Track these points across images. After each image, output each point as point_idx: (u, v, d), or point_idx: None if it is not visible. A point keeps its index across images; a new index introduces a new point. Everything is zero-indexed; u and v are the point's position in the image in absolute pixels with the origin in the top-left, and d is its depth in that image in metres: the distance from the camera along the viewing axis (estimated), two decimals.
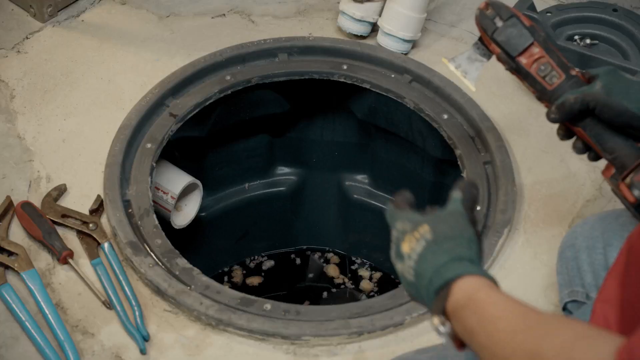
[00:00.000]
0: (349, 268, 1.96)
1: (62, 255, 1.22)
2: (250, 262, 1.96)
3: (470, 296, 0.77)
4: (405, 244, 0.84)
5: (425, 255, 0.82)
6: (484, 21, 1.08)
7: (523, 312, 0.74)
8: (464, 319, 0.76)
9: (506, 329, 0.73)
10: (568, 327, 0.71)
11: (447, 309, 0.78)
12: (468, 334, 0.77)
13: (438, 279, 0.79)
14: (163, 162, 1.52)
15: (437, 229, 0.83)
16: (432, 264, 0.81)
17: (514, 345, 0.71)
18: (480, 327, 0.75)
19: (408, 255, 0.83)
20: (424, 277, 0.81)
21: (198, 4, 1.68)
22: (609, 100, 0.97)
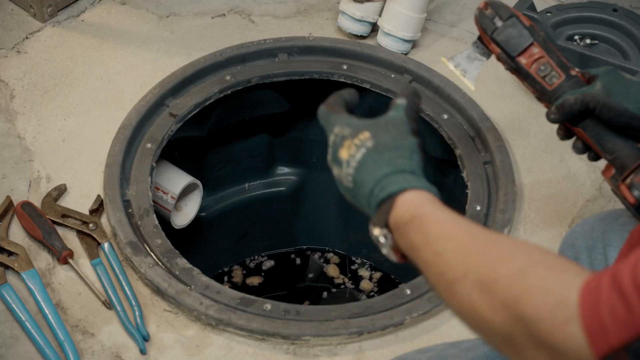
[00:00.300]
0: (349, 268, 1.96)
1: (62, 255, 1.22)
2: (250, 262, 1.96)
3: (414, 212, 0.75)
4: (344, 150, 0.83)
5: (365, 163, 0.80)
6: (483, 21, 1.08)
7: (472, 231, 0.73)
8: (408, 235, 0.75)
9: (456, 249, 0.71)
10: (524, 251, 0.69)
11: (390, 222, 0.77)
12: (413, 250, 0.76)
13: (380, 192, 0.78)
14: (163, 162, 1.52)
15: (379, 137, 0.81)
16: (373, 174, 0.79)
17: (465, 267, 0.70)
18: (427, 245, 0.74)
19: (347, 162, 0.82)
20: (364, 186, 0.80)
21: (198, 4, 1.68)
22: (609, 101, 0.97)
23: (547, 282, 0.64)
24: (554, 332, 0.62)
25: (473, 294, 0.68)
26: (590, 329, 0.61)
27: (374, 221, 0.79)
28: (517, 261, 0.67)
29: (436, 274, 0.72)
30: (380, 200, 0.78)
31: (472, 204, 1.31)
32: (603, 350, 0.60)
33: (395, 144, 0.81)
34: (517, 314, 0.64)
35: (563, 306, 0.62)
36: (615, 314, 0.59)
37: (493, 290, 0.67)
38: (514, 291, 0.65)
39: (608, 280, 0.61)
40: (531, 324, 0.63)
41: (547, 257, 0.67)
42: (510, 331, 0.66)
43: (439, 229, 0.74)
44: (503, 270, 0.67)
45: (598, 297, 0.61)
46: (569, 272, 0.65)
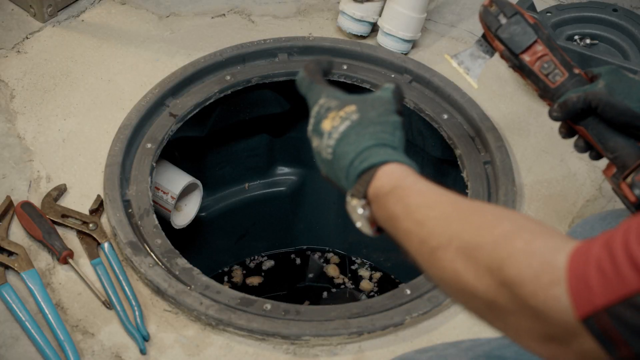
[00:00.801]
0: (349, 268, 1.96)
1: (62, 255, 1.22)
2: (250, 262, 1.96)
3: (395, 183, 0.76)
4: (327, 121, 0.84)
5: (348, 135, 0.81)
6: (487, 18, 1.08)
7: (454, 200, 0.73)
8: (388, 205, 0.76)
9: (438, 217, 0.71)
10: (508, 218, 0.69)
11: (368, 194, 0.78)
12: (392, 221, 0.76)
13: (362, 162, 0.79)
14: (163, 162, 1.52)
15: (365, 111, 0.82)
16: (355, 146, 0.80)
17: (449, 234, 0.70)
18: (408, 215, 0.74)
19: (328, 133, 0.83)
20: (344, 157, 0.81)
21: (198, 4, 1.68)
22: (611, 99, 0.97)
23: (533, 246, 0.64)
24: (537, 293, 0.62)
25: (456, 260, 0.68)
26: (575, 289, 0.60)
27: (352, 192, 0.80)
28: (501, 227, 0.67)
29: (418, 243, 0.73)
30: (360, 170, 0.79)
31: None
32: (585, 311, 0.59)
33: (380, 119, 0.82)
34: (501, 278, 0.64)
35: (548, 268, 0.62)
36: (602, 275, 0.59)
37: (477, 256, 0.67)
38: (499, 255, 0.65)
39: (599, 244, 0.61)
40: (515, 287, 0.63)
41: (531, 223, 0.68)
42: (493, 297, 0.66)
43: (420, 199, 0.74)
44: (487, 236, 0.67)
45: (587, 259, 0.61)
46: (555, 237, 0.65)
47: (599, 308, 0.59)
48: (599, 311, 0.59)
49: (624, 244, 0.59)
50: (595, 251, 0.61)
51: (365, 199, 0.79)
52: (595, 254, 0.60)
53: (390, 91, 0.86)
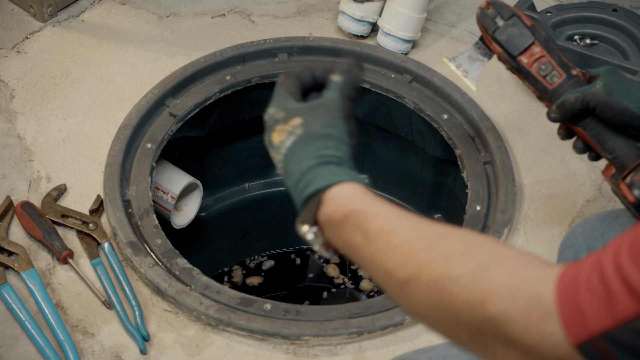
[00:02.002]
0: (349, 268, 1.96)
1: (62, 255, 1.22)
2: (250, 262, 1.96)
3: (347, 208, 0.71)
4: (276, 134, 0.80)
5: (293, 153, 0.78)
6: (485, 20, 1.08)
7: (416, 225, 0.69)
8: (345, 233, 0.71)
9: (402, 246, 0.67)
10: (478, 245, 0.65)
11: (319, 219, 0.74)
12: (352, 249, 0.72)
13: (306, 186, 0.75)
14: (163, 162, 1.52)
15: (309, 124, 0.78)
16: (299, 166, 0.76)
17: (417, 264, 0.65)
18: (368, 243, 0.69)
19: (277, 148, 0.80)
20: (291, 177, 0.78)
21: (198, 4, 1.68)
22: (609, 100, 0.97)
23: (515, 280, 0.61)
24: (529, 331, 0.59)
25: (430, 294, 0.64)
26: (567, 317, 0.58)
27: (301, 218, 0.76)
28: (474, 258, 0.64)
29: (384, 274, 0.68)
30: (306, 196, 0.75)
31: (472, 204, 1.31)
32: (580, 337, 0.57)
33: (324, 131, 0.78)
34: (485, 314, 0.61)
35: (537, 304, 0.59)
36: (595, 300, 0.56)
37: (453, 289, 0.63)
38: (478, 290, 0.61)
39: (588, 266, 0.59)
40: (502, 324, 0.60)
41: (505, 250, 0.64)
42: (477, 331, 0.62)
43: (379, 224, 0.70)
44: (460, 267, 0.63)
45: (577, 283, 0.58)
46: (535, 267, 0.61)
47: (595, 334, 0.56)
48: (595, 337, 0.56)
49: (616, 265, 0.56)
50: (584, 274, 0.58)
51: (315, 225, 0.75)
52: (584, 277, 0.58)
53: (338, 89, 0.81)
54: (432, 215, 1.77)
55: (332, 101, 0.80)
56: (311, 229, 0.75)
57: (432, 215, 1.77)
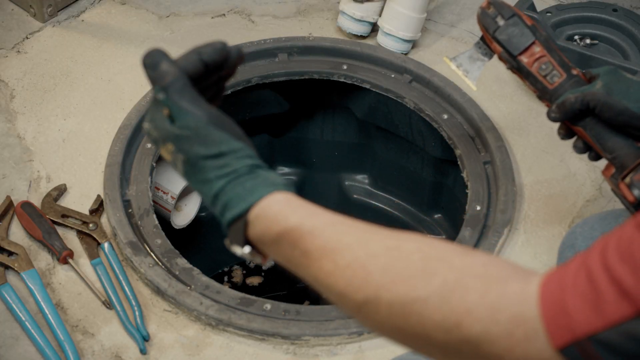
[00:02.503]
0: None
1: (62, 255, 1.22)
2: (250, 262, 1.96)
3: (279, 228, 0.65)
4: (163, 152, 0.72)
5: (191, 175, 0.70)
6: (485, 20, 1.08)
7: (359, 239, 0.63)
8: (282, 252, 0.66)
9: (351, 265, 0.61)
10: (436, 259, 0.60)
11: (250, 238, 0.68)
12: (292, 266, 0.67)
13: (225, 211, 0.68)
14: (163, 162, 1.52)
15: (187, 151, 0.70)
16: (207, 188, 0.69)
17: (373, 286, 0.60)
18: (310, 262, 0.64)
19: (173, 164, 0.72)
20: (203, 194, 0.71)
21: (198, 4, 1.68)
22: (609, 100, 0.97)
23: (491, 298, 0.57)
24: (514, 350, 0.57)
25: (394, 316, 0.60)
26: (551, 321, 0.55)
27: (229, 239, 0.70)
28: (437, 274, 0.59)
29: (336, 294, 0.63)
30: (228, 221, 0.69)
31: (472, 204, 1.31)
32: (564, 340, 0.55)
33: (211, 151, 0.70)
34: (462, 336, 0.58)
35: (520, 322, 0.56)
36: (582, 301, 0.54)
37: (421, 312, 0.59)
38: (452, 312, 0.58)
39: (574, 268, 0.56)
40: (484, 345, 0.57)
41: (467, 260, 0.60)
42: (454, 349, 0.59)
43: (318, 243, 0.64)
44: (425, 288, 0.59)
45: (562, 288, 0.56)
46: (511, 280, 0.58)
47: (581, 336, 0.54)
48: (581, 339, 0.54)
49: (605, 266, 0.54)
50: (570, 277, 0.56)
51: (247, 244, 0.69)
52: (570, 280, 0.56)
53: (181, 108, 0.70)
54: (432, 215, 1.77)
55: (188, 123, 0.70)
56: (244, 249, 0.69)
57: (432, 216, 1.78)
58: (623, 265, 0.53)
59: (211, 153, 0.70)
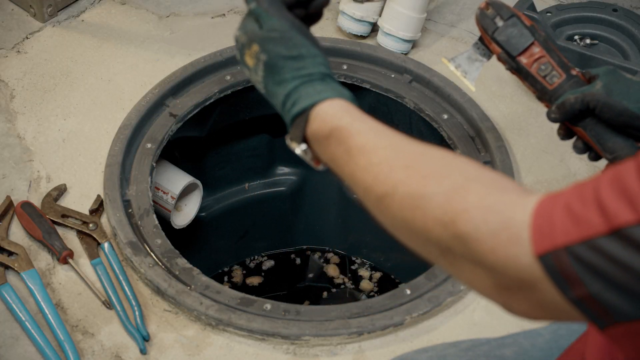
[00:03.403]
0: (349, 268, 1.96)
1: (62, 255, 1.22)
2: (250, 262, 1.96)
3: (332, 125, 0.74)
4: (247, 57, 0.81)
5: (270, 75, 0.79)
6: (484, 21, 1.08)
7: (396, 143, 0.71)
8: (330, 149, 0.74)
9: (381, 162, 0.69)
10: (456, 167, 0.67)
11: (307, 135, 0.77)
12: (334, 163, 0.75)
13: (293, 106, 0.77)
14: (163, 162, 1.52)
15: (269, 50, 0.79)
16: (282, 88, 0.78)
17: (394, 180, 0.68)
18: (350, 158, 0.72)
19: (254, 70, 0.81)
20: (275, 97, 0.80)
21: (198, 4, 1.68)
22: (609, 100, 0.97)
23: (488, 201, 0.62)
24: (496, 251, 0.61)
25: (404, 210, 0.67)
26: (537, 229, 0.59)
27: (290, 136, 0.79)
28: (450, 178, 0.65)
29: (363, 189, 0.71)
30: (293, 115, 0.78)
31: None
32: (544, 247, 0.58)
33: (291, 53, 0.79)
34: (455, 231, 0.63)
35: (507, 226, 0.60)
36: (568, 215, 0.58)
37: (426, 206, 0.65)
38: (451, 209, 0.63)
39: (570, 188, 0.60)
40: (471, 242, 0.62)
41: (481, 173, 0.66)
42: (446, 247, 0.64)
43: (360, 142, 0.72)
44: (435, 186, 0.65)
45: (556, 201, 0.59)
46: (512, 192, 0.63)
47: (559, 246, 0.57)
48: (558, 249, 0.57)
49: (594, 188, 0.57)
50: (565, 195, 0.60)
51: (304, 142, 0.78)
52: (565, 196, 0.59)
53: (266, 14, 0.81)
54: None
55: (274, 26, 0.80)
56: (300, 145, 0.78)
57: None
58: (610, 187, 0.56)
59: (291, 54, 0.78)
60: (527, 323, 1.16)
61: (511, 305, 0.64)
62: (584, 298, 0.58)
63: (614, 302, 0.56)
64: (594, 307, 0.58)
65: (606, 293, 0.56)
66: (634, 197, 0.54)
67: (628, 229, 0.54)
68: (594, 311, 0.58)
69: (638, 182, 0.55)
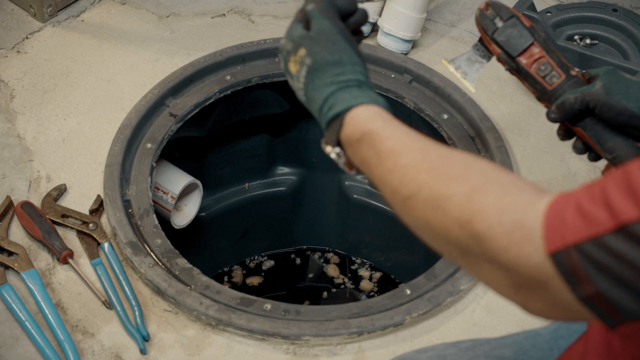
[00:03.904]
0: (349, 268, 1.96)
1: (62, 255, 1.22)
2: (250, 262, 1.96)
3: (364, 129, 0.77)
4: (291, 64, 0.85)
5: (311, 81, 0.82)
6: (484, 21, 1.08)
7: (424, 147, 0.74)
8: (361, 152, 0.77)
9: (407, 166, 0.72)
10: (477, 169, 0.69)
11: (341, 139, 0.80)
12: (366, 167, 0.77)
13: (329, 110, 0.80)
14: (163, 162, 1.52)
15: (315, 54, 0.82)
16: (321, 93, 0.81)
17: (418, 183, 0.71)
18: (379, 162, 0.75)
19: (296, 77, 0.84)
20: (314, 102, 0.82)
21: (198, 4, 1.68)
22: (609, 100, 0.97)
23: (504, 202, 0.64)
24: (510, 249, 0.63)
25: (426, 210, 0.69)
26: (549, 227, 0.61)
27: (325, 140, 0.82)
28: (472, 180, 0.68)
29: (390, 190, 0.74)
30: (329, 119, 0.80)
31: None
32: (556, 246, 0.60)
33: (333, 57, 0.82)
34: (471, 231, 0.65)
35: (520, 226, 0.62)
36: (578, 214, 0.59)
37: (446, 207, 0.68)
38: (468, 209, 0.66)
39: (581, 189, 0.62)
40: (486, 242, 0.64)
41: (502, 176, 0.68)
42: (465, 246, 0.67)
43: (390, 145, 0.75)
44: (456, 187, 0.68)
45: (568, 201, 0.61)
46: (525, 192, 0.65)
47: (570, 244, 0.59)
48: (569, 247, 0.59)
49: (602, 187, 0.59)
50: (577, 194, 0.61)
51: (338, 146, 0.80)
52: (576, 196, 0.61)
53: (320, 16, 0.84)
54: None
55: (323, 28, 0.83)
56: (334, 149, 0.81)
57: None
58: (617, 185, 0.58)
59: (334, 59, 0.81)
60: (527, 323, 1.16)
61: (527, 304, 0.66)
62: (592, 296, 0.59)
63: (621, 300, 0.57)
64: (602, 305, 0.59)
65: (613, 291, 0.57)
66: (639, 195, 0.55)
67: (634, 225, 0.55)
68: (603, 310, 0.59)
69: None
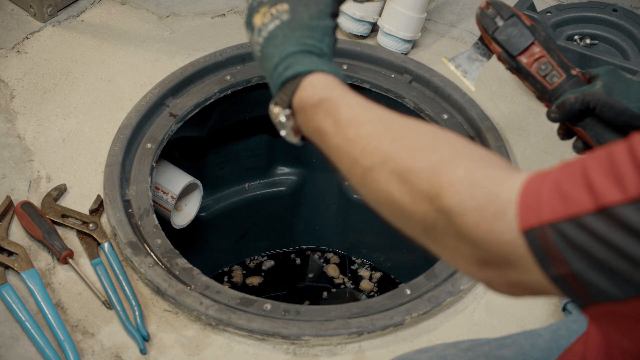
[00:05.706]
0: (349, 268, 1.96)
1: (62, 255, 1.22)
2: (250, 262, 1.96)
3: (322, 95, 0.73)
4: (259, 16, 0.81)
5: (275, 36, 0.79)
6: (484, 20, 1.08)
7: (386, 117, 0.71)
8: (316, 119, 0.74)
9: (369, 136, 0.69)
10: (445, 142, 0.67)
11: (293, 103, 0.76)
12: (321, 135, 0.74)
13: (286, 69, 0.76)
14: (163, 162, 1.52)
15: (296, 12, 0.79)
16: (281, 50, 0.77)
17: (382, 154, 0.67)
18: (338, 130, 0.71)
19: (258, 30, 0.80)
20: (270, 60, 0.78)
21: (198, 4, 1.68)
22: (609, 100, 0.97)
23: (475, 176, 0.62)
24: (480, 225, 0.61)
25: (391, 183, 0.67)
26: (524, 204, 0.59)
27: (276, 100, 0.77)
28: (439, 152, 0.65)
29: (349, 161, 0.71)
30: (285, 78, 0.76)
31: None
32: (530, 223, 0.58)
33: (311, 22, 0.79)
34: (439, 205, 0.63)
35: (493, 201, 0.60)
36: (556, 192, 0.58)
37: (413, 180, 0.65)
38: (437, 183, 0.63)
39: (559, 167, 0.60)
40: (455, 216, 0.62)
41: (471, 148, 0.66)
42: (431, 222, 0.64)
43: (350, 114, 0.72)
44: (424, 160, 0.65)
45: (544, 179, 0.59)
46: (499, 168, 0.63)
47: (545, 222, 0.57)
48: (544, 225, 0.57)
49: (583, 168, 0.57)
50: (554, 173, 0.59)
51: (289, 108, 0.76)
52: (553, 175, 0.59)
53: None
54: None
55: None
56: (284, 111, 0.76)
57: None
58: (600, 166, 0.57)
59: (311, 24, 0.79)
60: (527, 323, 1.16)
61: (492, 282, 0.64)
62: (565, 276, 0.58)
63: (596, 281, 0.56)
64: (574, 285, 0.58)
65: (588, 272, 0.56)
66: (623, 177, 0.55)
67: (615, 208, 0.54)
68: (574, 290, 0.58)
69: (628, 163, 0.55)
